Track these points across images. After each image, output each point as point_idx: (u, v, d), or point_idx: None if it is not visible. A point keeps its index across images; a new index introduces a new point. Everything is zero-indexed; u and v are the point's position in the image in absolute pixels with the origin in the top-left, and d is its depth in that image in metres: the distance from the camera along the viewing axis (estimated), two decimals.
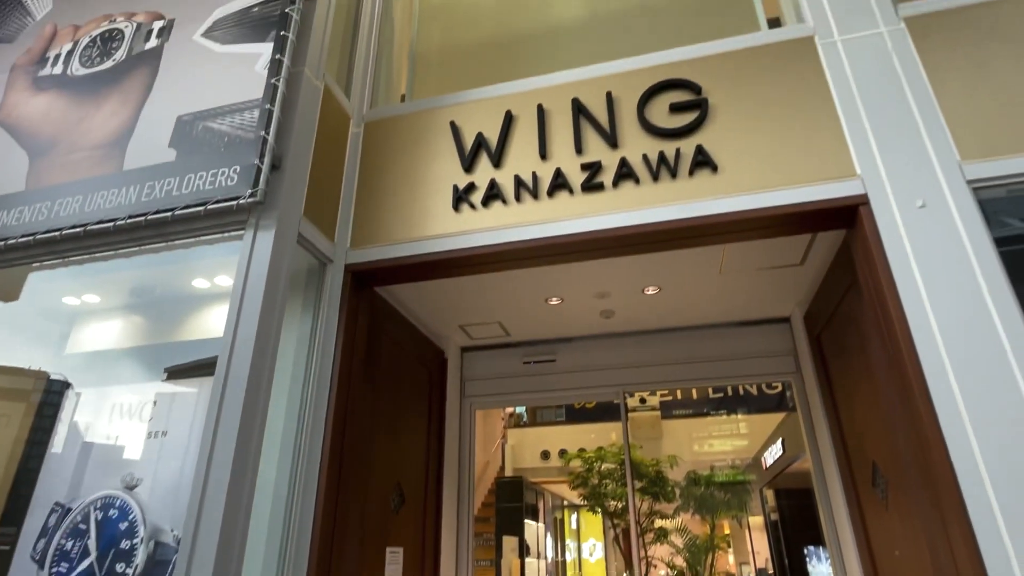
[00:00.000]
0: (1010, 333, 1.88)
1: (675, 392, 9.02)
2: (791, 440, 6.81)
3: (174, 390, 2.64)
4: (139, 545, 2.29)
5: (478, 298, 3.38)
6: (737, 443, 8.48)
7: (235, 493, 1.95)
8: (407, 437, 3.21)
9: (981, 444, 1.78)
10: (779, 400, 8.42)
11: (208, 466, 1.98)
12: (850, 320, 2.61)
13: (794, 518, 8.56)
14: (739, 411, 8.63)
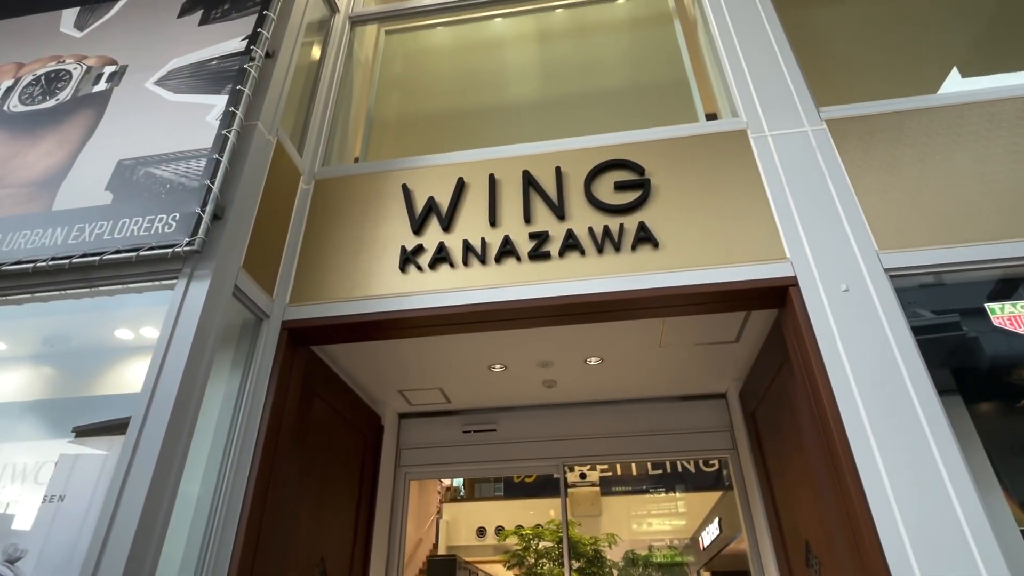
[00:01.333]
0: (927, 412, 1.97)
1: (615, 468, 8.96)
2: (727, 520, 6.81)
3: (78, 451, 2.42)
4: None
5: (420, 362, 3.31)
6: (675, 522, 8.41)
7: (135, 568, 1.76)
8: (335, 508, 3.01)
9: (905, 520, 1.83)
10: (716, 478, 8.48)
11: (107, 536, 1.80)
12: (782, 397, 2.69)
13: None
14: (677, 488, 8.63)
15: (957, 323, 2.48)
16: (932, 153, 2.48)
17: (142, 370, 2.16)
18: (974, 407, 2.51)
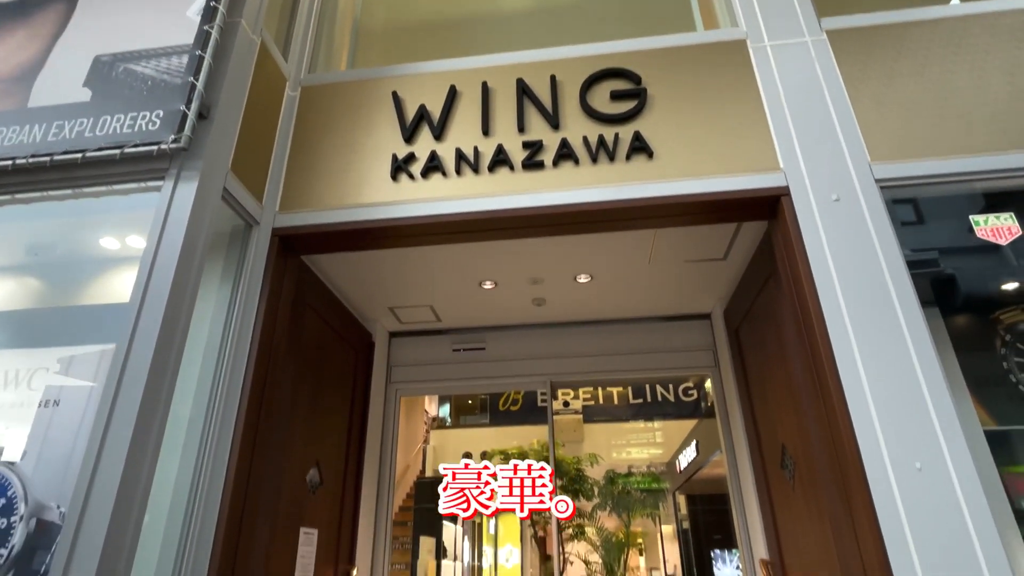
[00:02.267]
0: (910, 323, 2.04)
1: (597, 397, 9.22)
2: (704, 442, 7.10)
3: (71, 358, 2.43)
4: (17, 523, 2.07)
5: (411, 278, 3.32)
6: (653, 451, 8.75)
7: (134, 465, 1.80)
8: (328, 418, 3.09)
9: (883, 427, 1.92)
10: (694, 407, 8.77)
11: (104, 435, 1.82)
12: (767, 312, 2.76)
13: (704, 524, 8.93)
14: (656, 418, 8.92)
15: (941, 236, 2.54)
16: (931, 66, 2.45)
17: (130, 280, 2.14)
18: (950, 319, 2.60)
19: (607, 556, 6.24)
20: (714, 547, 8.77)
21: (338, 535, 3.05)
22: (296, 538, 2.63)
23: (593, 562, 6.54)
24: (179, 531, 2.13)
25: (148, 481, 1.84)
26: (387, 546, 3.51)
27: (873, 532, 1.81)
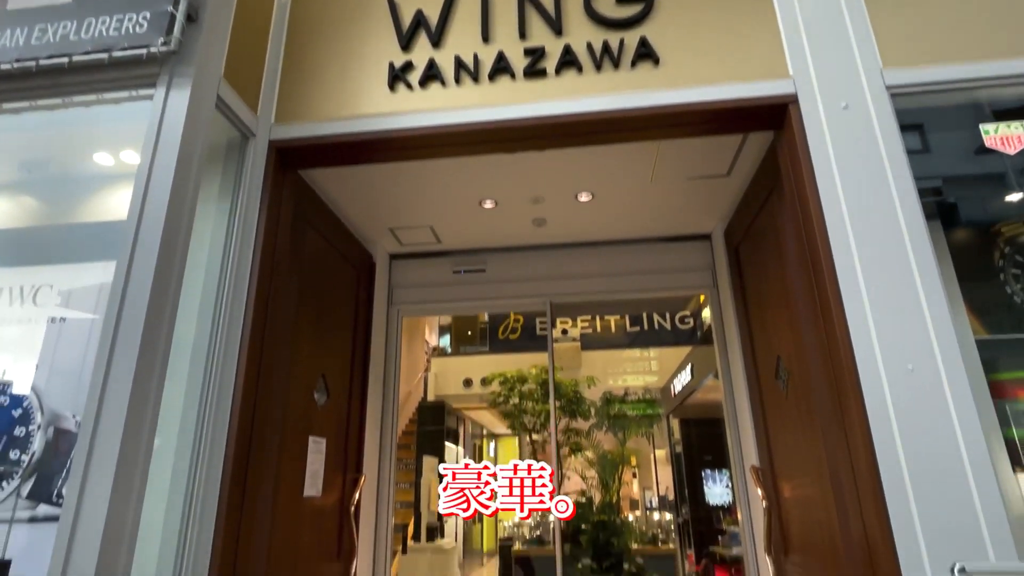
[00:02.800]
0: (912, 234, 2.04)
1: (595, 326, 9.35)
2: (699, 366, 7.27)
3: (74, 276, 2.44)
4: (35, 432, 2.15)
5: (410, 198, 3.29)
6: (649, 378, 8.97)
7: (143, 378, 1.83)
8: (332, 335, 3.14)
9: (879, 332, 1.95)
10: (690, 334, 8.92)
11: (111, 351, 1.84)
12: (768, 227, 2.76)
13: (696, 446, 9.29)
14: (652, 346, 9.08)
15: (948, 146, 2.50)
16: None
17: (126, 197, 2.11)
18: (951, 231, 2.61)
19: (602, 472, 6.53)
20: (705, 467, 9.18)
21: (345, 446, 3.16)
22: (305, 446, 2.73)
23: (590, 477, 6.85)
24: (191, 440, 2.20)
25: (158, 393, 1.88)
26: (392, 456, 3.66)
27: (863, 432, 1.88)
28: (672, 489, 9.89)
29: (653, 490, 11.97)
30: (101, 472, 1.68)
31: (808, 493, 2.47)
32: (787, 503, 2.75)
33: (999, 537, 1.70)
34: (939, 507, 1.74)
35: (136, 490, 1.74)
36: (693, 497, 8.79)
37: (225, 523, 2.10)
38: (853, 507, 1.95)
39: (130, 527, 1.71)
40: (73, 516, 1.63)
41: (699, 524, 8.26)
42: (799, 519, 2.61)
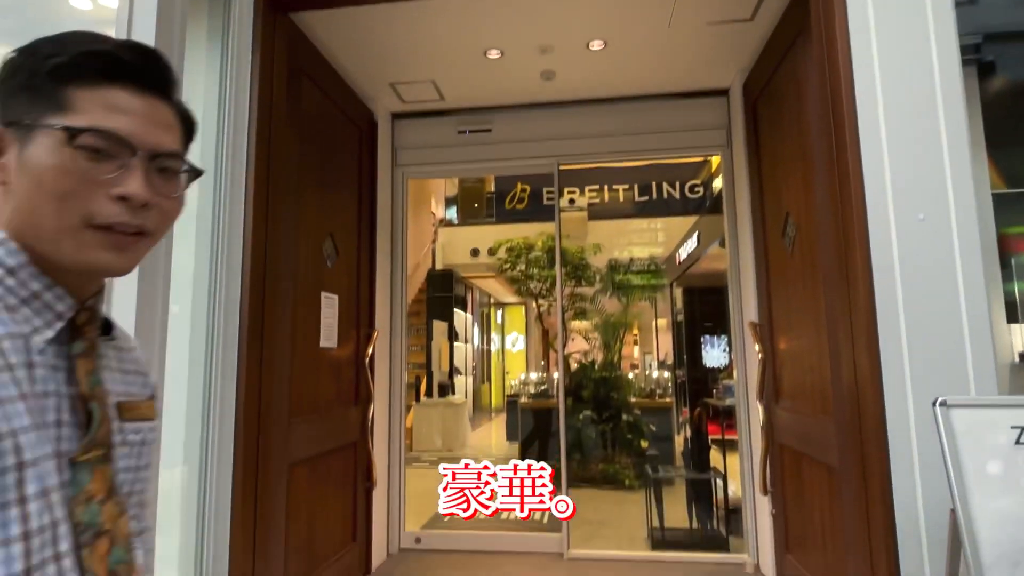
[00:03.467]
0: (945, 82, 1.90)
1: (603, 196, 9.22)
2: (706, 234, 7.27)
3: None
4: None
5: (410, 47, 3.09)
6: (655, 249, 8.99)
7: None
8: (338, 194, 3.11)
9: (894, 178, 1.90)
10: (699, 203, 8.81)
11: None
12: (789, 77, 2.60)
13: (697, 313, 9.55)
14: (661, 215, 9.00)
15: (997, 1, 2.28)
16: None
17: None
18: (986, 78, 2.46)
19: (605, 334, 6.79)
20: (704, 333, 9.51)
21: (357, 302, 3.26)
22: (318, 301, 2.82)
23: (593, 338, 7.14)
24: (207, 297, 2.26)
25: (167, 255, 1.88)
26: (403, 312, 3.79)
27: (865, 283, 1.90)
28: (672, 355, 10.34)
29: (654, 355, 12.53)
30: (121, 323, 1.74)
31: (802, 344, 2.56)
32: (781, 354, 2.87)
33: (984, 379, 1.77)
34: (930, 351, 1.81)
35: (157, 347, 1.81)
36: (692, 360, 9.21)
37: (247, 371, 2.22)
38: (847, 351, 2.02)
39: (156, 370, 1.80)
40: None
41: (695, 384, 8.75)
42: (791, 368, 2.73)
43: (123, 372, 0.71)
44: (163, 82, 0.65)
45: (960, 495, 1.46)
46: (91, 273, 0.63)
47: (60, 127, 0.58)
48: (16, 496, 0.53)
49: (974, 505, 1.46)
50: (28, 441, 0.54)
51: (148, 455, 0.71)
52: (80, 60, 0.60)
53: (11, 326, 0.57)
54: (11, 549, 0.52)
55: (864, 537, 1.94)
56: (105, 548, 0.60)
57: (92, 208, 0.59)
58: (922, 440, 1.77)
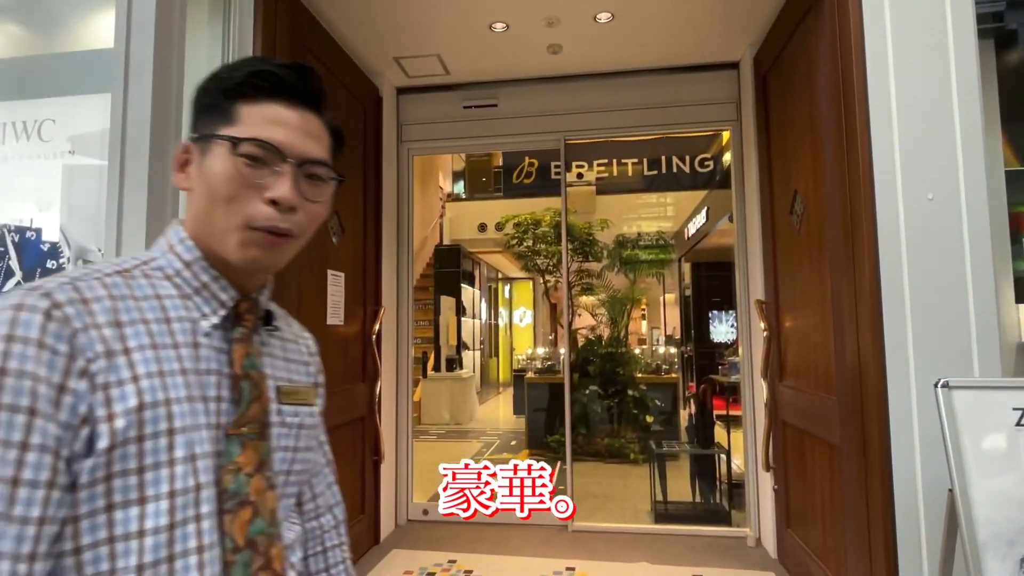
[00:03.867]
0: (960, 52, 1.86)
1: (611, 170, 9.13)
2: (715, 209, 7.20)
3: (74, 105, 2.37)
4: (67, 265, 2.23)
5: (415, 20, 3.04)
6: (663, 224, 8.93)
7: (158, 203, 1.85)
8: (343, 172, 3.09)
9: (903, 157, 1.86)
10: (708, 177, 8.71)
11: (121, 185, 1.84)
12: (801, 51, 2.54)
13: (705, 288, 9.53)
14: (669, 189, 8.91)
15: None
16: None
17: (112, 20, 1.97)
18: (1004, 52, 2.39)
19: (612, 310, 6.79)
20: (712, 308, 9.50)
21: (364, 280, 3.28)
22: (324, 278, 2.84)
23: (600, 314, 7.15)
24: None
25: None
26: (409, 289, 3.81)
27: (871, 263, 1.88)
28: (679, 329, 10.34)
29: (661, 329, 12.54)
30: None
31: (808, 322, 2.55)
32: (786, 332, 2.87)
33: (988, 360, 1.76)
34: (935, 332, 1.80)
35: None
36: (699, 335, 9.23)
37: None
38: (850, 330, 2.02)
39: None
40: None
41: (702, 358, 8.78)
42: (796, 346, 2.73)
43: (286, 360, 0.79)
44: (315, 98, 0.72)
45: (959, 475, 1.47)
46: (248, 268, 0.70)
47: (227, 137, 0.66)
48: (167, 458, 0.61)
49: (972, 485, 1.47)
50: (180, 411, 0.62)
51: (308, 438, 0.78)
52: (247, 79, 0.68)
53: (182, 311, 0.67)
54: (160, 505, 0.60)
55: (863, 514, 1.97)
56: (247, 517, 0.65)
57: (251, 211, 0.67)
58: (923, 420, 1.77)
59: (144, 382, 0.61)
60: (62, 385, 0.56)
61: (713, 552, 3.18)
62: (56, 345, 0.57)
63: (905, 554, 1.78)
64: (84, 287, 0.62)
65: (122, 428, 0.58)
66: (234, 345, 0.70)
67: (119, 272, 0.66)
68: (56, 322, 0.57)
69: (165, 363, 0.63)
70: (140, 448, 0.59)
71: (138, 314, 0.64)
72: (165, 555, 0.59)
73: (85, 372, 0.58)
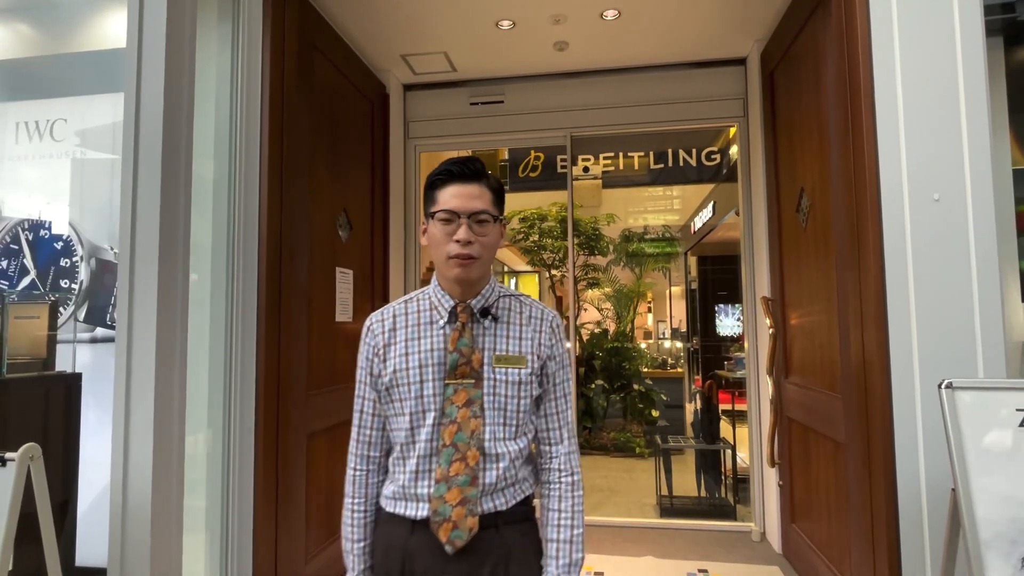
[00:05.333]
0: (967, 49, 1.85)
1: (618, 164, 9.10)
2: (721, 203, 7.18)
3: (86, 104, 2.40)
4: (80, 263, 2.26)
5: (422, 18, 3.05)
6: (670, 217, 8.90)
7: (170, 201, 1.87)
8: (350, 169, 3.12)
9: (909, 156, 1.87)
10: (715, 171, 8.67)
11: (134, 183, 1.86)
12: (808, 48, 2.54)
13: (711, 282, 9.51)
14: (676, 183, 8.88)
15: None
16: None
17: (123, 20, 1.99)
18: (1013, 49, 2.38)
19: (617, 305, 6.79)
20: (719, 302, 9.49)
21: (372, 277, 3.31)
22: (333, 276, 2.86)
23: (605, 308, 7.15)
24: (224, 270, 2.32)
25: (186, 221, 1.93)
26: (417, 287, 3.83)
27: (876, 262, 1.89)
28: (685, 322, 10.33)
29: (667, 322, 12.53)
30: (145, 297, 1.81)
31: (814, 320, 2.56)
32: (792, 330, 2.88)
33: (992, 361, 1.77)
34: (939, 332, 1.81)
35: (180, 312, 1.88)
36: (704, 329, 9.23)
37: (265, 343, 2.29)
38: (856, 328, 2.03)
39: (179, 344, 1.87)
40: (127, 337, 1.79)
41: (708, 352, 8.79)
42: (802, 343, 2.74)
43: (498, 338, 1.20)
44: (476, 175, 1.18)
45: (962, 475, 1.48)
46: (457, 280, 1.18)
47: (430, 213, 1.18)
48: (417, 393, 1.16)
49: (975, 485, 1.49)
50: (427, 367, 1.17)
51: (518, 389, 1.19)
52: (437, 176, 1.19)
53: (431, 315, 1.21)
54: (406, 418, 1.17)
55: (867, 511, 1.99)
56: (453, 430, 1.14)
57: (449, 249, 1.15)
58: (927, 419, 1.79)
59: (400, 359, 1.18)
60: (370, 359, 1.22)
61: (718, 546, 3.21)
62: (368, 341, 1.24)
63: (908, 551, 1.80)
64: (382, 312, 1.25)
65: (388, 379, 1.18)
66: (452, 332, 1.18)
67: (405, 301, 1.25)
68: (368, 332, 1.24)
69: (411, 344, 1.19)
70: (395, 389, 1.18)
71: (405, 320, 1.22)
72: (410, 439, 1.17)
73: (377, 353, 1.21)
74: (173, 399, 1.83)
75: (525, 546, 1.19)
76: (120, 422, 1.78)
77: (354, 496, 1.22)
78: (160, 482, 1.77)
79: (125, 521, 1.76)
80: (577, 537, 1.19)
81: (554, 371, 1.24)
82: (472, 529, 1.12)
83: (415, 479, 1.15)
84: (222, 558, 2.23)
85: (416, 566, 1.14)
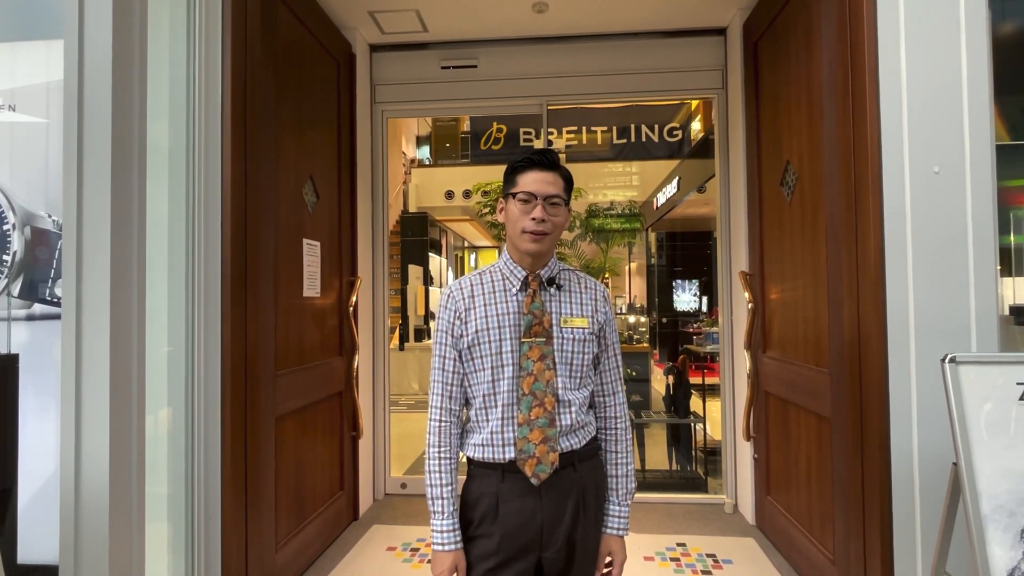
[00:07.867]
0: (970, 17, 1.82)
1: (581, 138, 9.02)
2: (686, 179, 7.20)
3: (12, 52, 2.12)
4: (12, 232, 2.02)
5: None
6: (631, 193, 8.91)
7: (122, 164, 1.67)
8: (316, 133, 2.91)
9: (911, 128, 1.84)
10: (678, 147, 8.70)
11: (79, 144, 1.65)
12: (799, 18, 2.48)
13: (670, 258, 9.64)
14: (639, 158, 8.87)
15: None
16: None
17: None
18: (999, 23, 2.38)
19: None
20: (676, 278, 9.64)
21: (339, 249, 3.12)
22: (300, 248, 2.68)
23: None
24: (184, 247, 2.11)
25: (141, 192, 1.74)
26: (385, 259, 3.67)
27: (876, 234, 1.86)
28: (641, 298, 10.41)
29: (625, 298, 12.68)
30: (96, 271, 1.62)
31: (797, 295, 2.55)
32: (772, 304, 2.87)
33: (985, 334, 1.78)
34: (935, 305, 1.80)
35: (136, 286, 1.70)
36: (663, 304, 9.37)
37: (231, 317, 2.11)
38: (849, 303, 2.01)
39: (136, 321, 1.69)
40: (75, 314, 1.60)
41: (665, 327, 8.94)
42: (783, 318, 2.74)
43: (562, 303, 1.38)
44: (553, 165, 1.35)
45: (964, 449, 1.48)
46: (529, 252, 1.34)
47: (511, 193, 1.35)
48: (497, 350, 1.33)
49: (976, 459, 1.49)
50: (495, 330, 1.34)
51: (583, 346, 1.37)
52: (521, 161, 1.36)
53: (504, 284, 1.38)
54: (487, 372, 1.34)
55: (857, 484, 1.99)
56: (530, 381, 1.32)
57: (524, 224, 1.33)
58: (922, 392, 1.79)
59: (480, 320, 1.34)
60: (452, 322, 1.38)
61: (692, 519, 3.24)
62: (450, 306, 1.39)
63: (899, 522, 1.81)
64: (459, 282, 1.42)
65: (470, 339, 1.35)
66: (524, 298, 1.36)
67: (479, 273, 1.42)
68: (450, 298, 1.40)
69: (489, 308, 1.35)
70: (477, 347, 1.34)
71: (481, 289, 1.38)
72: (492, 391, 1.34)
73: (459, 316, 1.37)
74: (131, 380, 1.66)
75: (597, 480, 1.41)
76: (70, 406, 1.59)
77: (440, 445, 1.36)
78: (118, 469, 1.60)
79: (79, 513, 1.59)
80: (631, 471, 1.45)
81: (608, 333, 1.44)
82: (554, 463, 1.31)
83: (501, 425, 1.33)
84: (187, 550, 2.08)
85: (509, 508, 1.31)
